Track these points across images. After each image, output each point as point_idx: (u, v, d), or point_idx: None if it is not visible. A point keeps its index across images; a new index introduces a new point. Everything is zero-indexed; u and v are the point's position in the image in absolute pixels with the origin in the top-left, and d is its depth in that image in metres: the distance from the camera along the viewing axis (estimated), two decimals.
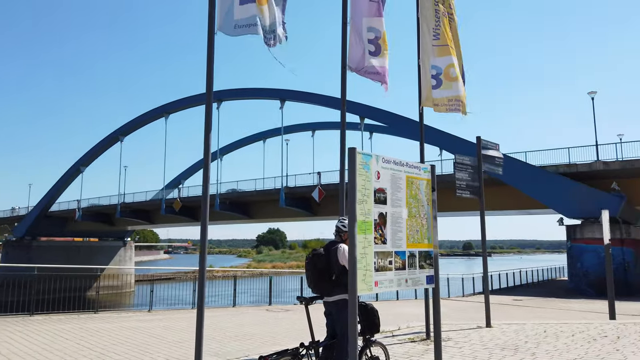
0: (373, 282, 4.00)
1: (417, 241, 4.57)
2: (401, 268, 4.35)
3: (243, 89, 42.24)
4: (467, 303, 20.77)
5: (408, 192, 4.53)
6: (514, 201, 30.00)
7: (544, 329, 8.21)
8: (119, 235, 60.62)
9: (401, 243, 4.37)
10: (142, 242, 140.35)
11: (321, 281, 4.39)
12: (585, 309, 18.52)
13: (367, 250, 3.96)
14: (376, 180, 4.16)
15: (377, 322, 4.62)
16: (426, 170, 4.79)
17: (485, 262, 8.97)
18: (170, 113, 48.23)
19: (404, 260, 4.39)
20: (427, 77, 7.55)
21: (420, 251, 4.58)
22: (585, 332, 8.03)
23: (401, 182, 4.45)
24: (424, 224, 4.67)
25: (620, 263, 24.37)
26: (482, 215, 8.92)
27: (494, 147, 9.26)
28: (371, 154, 4.16)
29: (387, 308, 17.92)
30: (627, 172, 26.26)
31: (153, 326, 10.01)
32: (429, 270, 4.65)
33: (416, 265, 4.52)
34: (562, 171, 27.03)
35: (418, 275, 4.53)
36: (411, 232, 4.50)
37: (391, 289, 4.28)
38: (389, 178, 4.32)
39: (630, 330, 8.32)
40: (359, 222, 3.91)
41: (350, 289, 3.79)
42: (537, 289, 27.71)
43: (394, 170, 4.39)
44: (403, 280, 4.36)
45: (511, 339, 7.27)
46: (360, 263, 3.88)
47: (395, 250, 4.30)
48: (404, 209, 4.45)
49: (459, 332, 7.86)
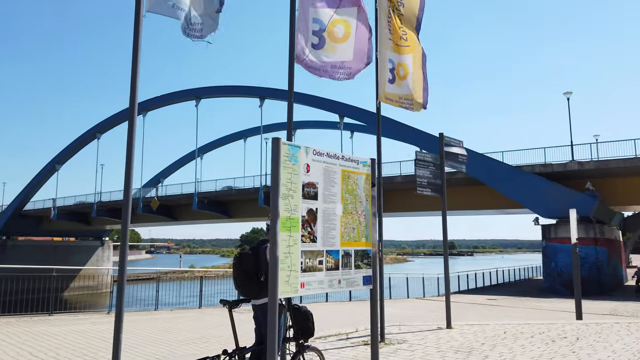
0: (299, 283, 3.71)
1: (354, 239, 4.28)
2: (334, 268, 4.06)
3: (221, 87, 41.70)
4: (441, 303, 20.63)
5: (344, 187, 4.25)
6: (493, 201, 30.10)
7: (505, 330, 8.03)
8: (97, 234, 59.53)
9: (334, 241, 4.09)
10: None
11: (248, 283, 4.10)
12: (557, 308, 18.54)
13: (292, 249, 3.67)
14: (305, 173, 3.87)
15: (311, 327, 4.33)
16: (365, 165, 4.51)
17: (447, 263, 8.76)
18: (148, 110, 47.40)
19: (337, 260, 4.10)
20: (384, 70, 7.30)
21: (356, 250, 4.30)
22: (545, 333, 7.87)
23: (335, 177, 4.17)
24: (362, 221, 4.39)
25: (594, 262, 24.57)
26: (444, 215, 8.71)
27: (458, 144, 9.06)
28: (300, 146, 3.86)
29: (358, 308, 17.70)
30: (601, 172, 26.51)
31: (107, 329, 9.59)
32: (367, 271, 4.38)
33: (351, 265, 4.24)
34: (538, 171, 27.17)
35: (354, 275, 4.25)
36: (346, 229, 4.22)
37: (321, 291, 3.99)
38: (321, 172, 4.03)
39: (592, 330, 8.19)
40: (282, 218, 3.62)
41: (271, 291, 3.49)
42: (513, 288, 27.81)
43: (328, 164, 4.10)
44: (335, 282, 4.08)
45: (468, 340, 7.06)
46: (284, 263, 3.59)
47: (327, 249, 4.01)
48: (339, 205, 4.17)
49: (416, 334, 7.63)
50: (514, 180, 26.98)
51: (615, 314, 17.36)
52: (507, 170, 27.59)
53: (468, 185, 30.53)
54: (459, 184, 31.36)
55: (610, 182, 27.35)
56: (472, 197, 31.85)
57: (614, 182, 27.43)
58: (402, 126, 30.74)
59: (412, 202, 35.06)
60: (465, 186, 31.18)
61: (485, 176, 27.91)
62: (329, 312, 14.79)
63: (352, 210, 4.31)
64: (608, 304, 19.70)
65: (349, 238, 4.24)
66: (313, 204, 3.92)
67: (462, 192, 32.14)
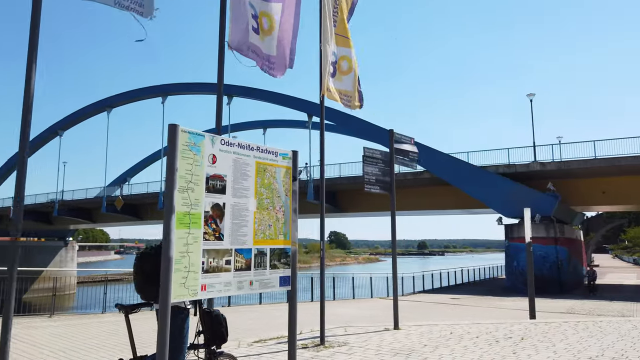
0: (199, 285, 3.37)
1: (269, 237, 3.97)
2: (244, 268, 3.74)
3: (188, 84, 40.87)
4: (404, 302, 20.58)
5: (259, 181, 3.93)
6: (460, 201, 30.35)
7: (451, 331, 7.87)
8: (61, 234, 57.56)
9: (246, 239, 3.76)
10: (90, 242, 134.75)
11: (149, 285, 3.72)
12: (516, 307, 18.70)
13: (191, 247, 3.33)
14: (210, 165, 3.54)
15: (224, 332, 3.99)
16: (285, 157, 4.21)
17: (395, 264, 8.55)
18: (113, 107, 46.10)
19: (248, 260, 3.78)
20: (326, 63, 7.03)
21: (272, 248, 3.98)
22: (492, 333, 7.74)
23: (249, 169, 3.85)
24: (280, 218, 4.08)
25: (554, 261, 24.99)
26: (393, 214, 8.50)
27: (408, 141, 8.87)
28: (203, 134, 3.52)
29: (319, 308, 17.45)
30: (562, 173, 27.01)
31: (41, 334, 9.04)
32: (284, 271, 4.07)
33: (266, 264, 3.92)
34: (502, 171, 27.50)
35: (269, 276, 3.94)
36: (261, 226, 3.91)
37: (228, 293, 3.66)
38: (231, 163, 3.70)
39: (539, 330, 8.11)
40: (179, 213, 3.27)
41: (162, 296, 3.14)
42: (478, 287, 28.06)
43: (239, 155, 3.78)
44: (246, 283, 3.75)
45: (411, 342, 6.85)
46: (180, 263, 3.24)
47: (237, 248, 3.69)
48: (252, 199, 3.85)
49: (361, 336, 7.38)
50: (478, 181, 27.23)
51: (572, 312, 17.64)
52: (472, 170, 27.84)
53: (434, 185, 30.72)
54: (425, 184, 31.54)
55: (571, 183, 27.91)
56: (438, 197, 32.07)
57: (575, 182, 28.00)
58: (369, 125, 30.70)
59: (381, 202, 35.10)
60: (431, 186, 31.37)
61: (451, 176, 28.09)
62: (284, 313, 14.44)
63: (269, 205, 4.00)
64: (566, 303, 20.02)
65: (263, 236, 3.92)
66: (220, 199, 3.58)
67: (428, 192, 32.34)
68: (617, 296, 22.87)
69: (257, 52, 5.55)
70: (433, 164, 28.67)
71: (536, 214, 25.06)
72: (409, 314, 16.31)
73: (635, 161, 24.93)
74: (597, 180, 27.60)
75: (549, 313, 16.68)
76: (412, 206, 34.72)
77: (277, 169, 4.10)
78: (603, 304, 19.95)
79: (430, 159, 28.89)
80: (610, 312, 17.17)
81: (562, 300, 20.81)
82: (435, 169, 28.69)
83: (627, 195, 27.85)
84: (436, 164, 28.60)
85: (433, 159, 28.66)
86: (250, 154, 3.87)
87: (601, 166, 25.78)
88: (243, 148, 3.82)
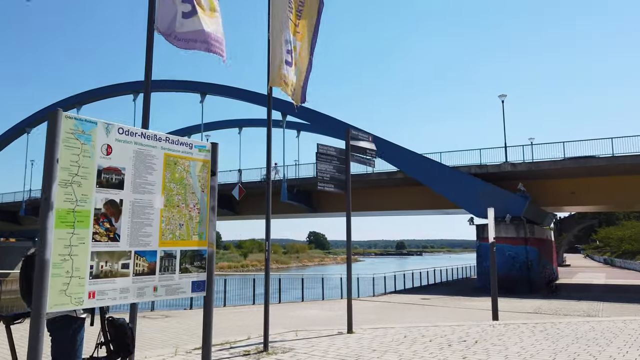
0: (85, 292, 2.97)
1: (180, 238, 3.60)
2: (147, 273, 3.36)
3: (160, 81, 39.91)
4: (374, 303, 20.39)
5: (168, 175, 3.55)
6: (434, 201, 30.31)
7: (406, 334, 7.60)
8: (30, 234, 55.78)
9: (149, 240, 3.38)
10: None
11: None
12: (484, 307, 18.59)
13: (75, 249, 2.93)
14: (104, 156, 3.14)
15: (129, 342, 3.60)
16: (203, 149, 3.84)
17: (349, 266, 8.24)
18: (83, 104, 44.84)
19: (152, 263, 3.40)
20: (278, 51, 6.65)
21: (184, 250, 3.61)
22: (447, 336, 7.50)
23: (155, 162, 3.47)
24: (194, 217, 3.71)
25: (524, 262, 25.12)
26: (348, 214, 8.19)
27: (366, 139, 8.57)
28: (96, 121, 3.13)
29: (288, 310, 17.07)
30: (533, 174, 27.21)
31: None
32: (198, 275, 3.70)
33: (175, 268, 3.54)
34: (474, 172, 27.55)
35: (178, 281, 3.56)
36: (170, 226, 3.53)
37: (125, 301, 3.26)
38: (131, 155, 3.32)
39: (495, 332, 7.91)
40: (61, 210, 2.88)
41: (35, 305, 2.74)
42: (450, 287, 28.05)
43: (142, 146, 3.39)
44: (149, 289, 3.37)
45: (361, 347, 6.54)
46: (60, 267, 2.85)
47: (138, 250, 3.30)
48: (158, 196, 3.47)
49: (310, 341, 7.04)
50: (450, 181, 27.22)
51: (539, 312, 17.64)
52: (444, 170, 27.82)
53: (408, 185, 30.64)
54: (399, 184, 31.45)
55: (542, 184, 28.15)
56: (412, 198, 32.01)
57: (545, 183, 28.25)
58: (341, 123, 30.47)
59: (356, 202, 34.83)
60: (405, 186, 31.29)
61: (424, 176, 28.03)
62: (247, 316, 14.05)
63: (180, 202, 3.62)
64: (534, 302, 20.06)
65: (173, 236, 3.54)
66: (116, 194, 3.19)
67: (403, 192, 32.26)
68: (585, 296, 23.06)
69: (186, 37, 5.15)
70: (406, 164, 28.58)
71: (506, 215, 25.17)
72: (375, 315, 16.08)
73: (603, 162, 25.25)
74: (567, 181, 27.90)
75: (516, 313, 16.65)
76: (387, 206, 34.63)
77: (191, 163, 3.72)
78: (571, 303, 20.05)
79: (403, 158, 28.80)
80: (576, 312, 17.22)
81: (531, 300, 20.87)
82: (409, 169, 28.60)
83: (596, 196, 28.24)
84: (409, 163, 28.51)
85: (406, 158, 28.58)
86: (156, 145, 3.49)
87: (570, 167, 26.04)
88: (148, 138, 3.43)
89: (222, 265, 76.73)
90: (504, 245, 25.04)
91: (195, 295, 3.68)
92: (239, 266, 75.02)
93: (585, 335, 7.66)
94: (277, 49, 6.67)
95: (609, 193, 27.93)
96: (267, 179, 6.56)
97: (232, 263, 78.06)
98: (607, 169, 25.77)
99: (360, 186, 33.54)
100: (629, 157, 24.65)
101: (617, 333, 7.85)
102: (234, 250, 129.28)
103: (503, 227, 25.41)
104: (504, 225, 25.46)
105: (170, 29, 5.12)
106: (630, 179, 26.70)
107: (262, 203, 39.14)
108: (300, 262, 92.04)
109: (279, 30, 6.72)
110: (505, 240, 25.03)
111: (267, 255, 6.48)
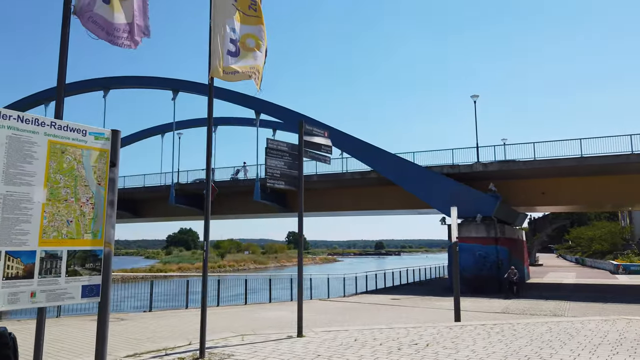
0: None
1: (68, 236, 3.19)
2: (22, 276, 2.94)
3: (132, 77, 39.03)
4: (343, 304, 20.12)
5: (53, 165, 3.14)
6: (408, 201, 30.21)
7: (356, 337, 7.29)
8: None
9: (26, 239, 2.97)
10: None
11: None
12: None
13: None
14: None
15: (10, 354, 3.17)
16: (100, 137, 3.42)
17: (300, 268, 7.89)
18: (51, 100, 43.47)
19: (29, 265, 2.98)
20: (222, 42, 6.28)
21: (72, 250, 3.20)
22: (400, 339, 7.21)
23: (35, 149, 3.05)
24: (88, 212, 3.30)
25: (494, 261, 25.19)
26: (300, 213, 7.84)
27: (321, 134, 8.23)
28: None
29: (253, 312, 16.65)
30: (504, 174, 27.34)
31: None
32: (91, 278, 3.29)
33: (60, 271, 3.13)
34: (447, 172, 27.55)
35: (64, 285, 3.15)
36: (54, 222, 3.12)
37: None
38: (3, 141, 2.90)
39: (450, 334, 7.66)
40: None
41: None
42: (421, 287, 27.99)
43: (18, 131, 2.97)
44: (25, 295, 2.95)
45: (305, 352, 6.20)
46: None
47: (9, 250, 2.89)
48: (39, 188, 3.05)
49: (255, 346, 6.66)
50: (422, 181, 27.15)
51: (507, 312, 17.60)
52: (417, 170, 27.75)
53: (382, 185, 30.49)
54: (373, 184, 31.28)
55: (513, 184, 28.32)
56: (387, 198, 31.88)
57: (516, 183, 28.43)
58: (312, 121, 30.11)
59: (331, 202, 34.62)
60: (379, 186, 31.14)
61: (396, 176, 27.91)
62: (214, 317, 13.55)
63: (69, 196, 3.20)
64: (503, 302, 20.06)
65: (58, 234, 3.13)
66: None
67: (376, 192, 32.11)
68: (554, 295, 23.21)
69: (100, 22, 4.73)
70: (380, 164, 28.42)
71: (477, 214, 25.20)
72: (339, 316, 15.79)
73: (572, 163, 25.50)
74: (538, 181, 28.13)
75: (482, 313, 16.57)
76: (361, 206, 34.43)
77: (85, 152, 3.31)
78: (539, 303, 20.12)
79: (377, 158, 28.63)
80: (542, 312, 17.24)
81: (500, 300, 20.89)
82: (382, 169, 28.45)
83: (566, 196, 28.56)
84: (383, 163, 28.36)
85: (380, 158, 28.41)
86: (38, 131, 3.07)
87: (541, 167, 26.23)
88: (27, 122, 3.01)
89: (198, 266, 75.59)
90: (474, 245, 25.07)
91: (87, 301, 3.27)
92: (216, 267, 73.97)
93: (541, 337, 7.48)
94: (219, 39, 6.31)
95: (578, 193, 28.28)
96: (206, 177, 6.18)
97: (210, 263, 76.97)
98: (576, 169, 26.05)
99: (333, 186, 33.28)
100: (597, 158, 24.95)
101: (574, 334, 7.69)
102: (211, 250, 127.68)
103: (474, 227, 25.45)
104: (474, 225, 25.49)
105: (86, 10, 4.69)
106: (598, 180, 27.07)
107: (232, 203, 38.36)
108: (279, 262, 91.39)
109: (221, 21, 6.37)
110: (476, 240, 25.07)
111: (205, 257, 6.08)
